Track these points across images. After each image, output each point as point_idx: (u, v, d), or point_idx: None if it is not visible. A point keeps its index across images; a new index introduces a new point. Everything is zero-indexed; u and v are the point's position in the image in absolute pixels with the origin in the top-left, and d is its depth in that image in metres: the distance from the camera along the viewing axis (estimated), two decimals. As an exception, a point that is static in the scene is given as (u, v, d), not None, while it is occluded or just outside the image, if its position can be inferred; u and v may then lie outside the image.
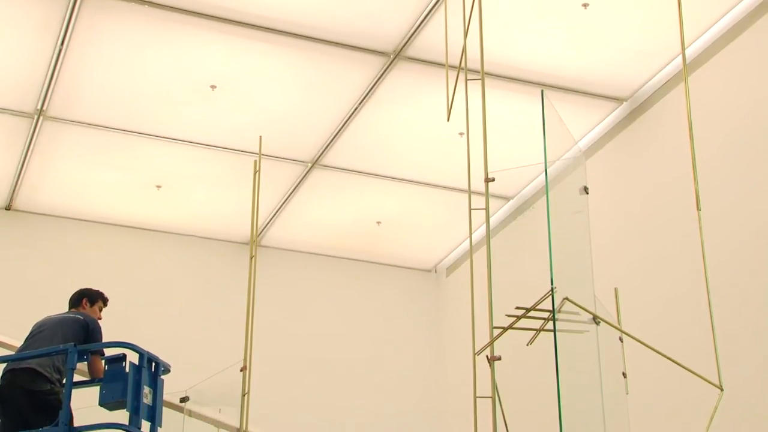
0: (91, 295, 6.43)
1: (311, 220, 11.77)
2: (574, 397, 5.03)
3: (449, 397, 11.87)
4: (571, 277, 5.38)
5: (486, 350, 5.55)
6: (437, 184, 10.98)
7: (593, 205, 5.72)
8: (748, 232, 7.78)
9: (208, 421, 7.23)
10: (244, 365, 6.47)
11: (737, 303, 7.55)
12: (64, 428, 5.41)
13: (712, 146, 8.02)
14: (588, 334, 5.30)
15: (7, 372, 5.82)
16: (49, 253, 11.31)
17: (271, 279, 11.41)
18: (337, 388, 11.91)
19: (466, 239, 11.83)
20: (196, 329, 11.42)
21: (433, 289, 13.04)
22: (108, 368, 5.69)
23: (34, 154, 10.21)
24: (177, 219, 11.67)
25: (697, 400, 6.01)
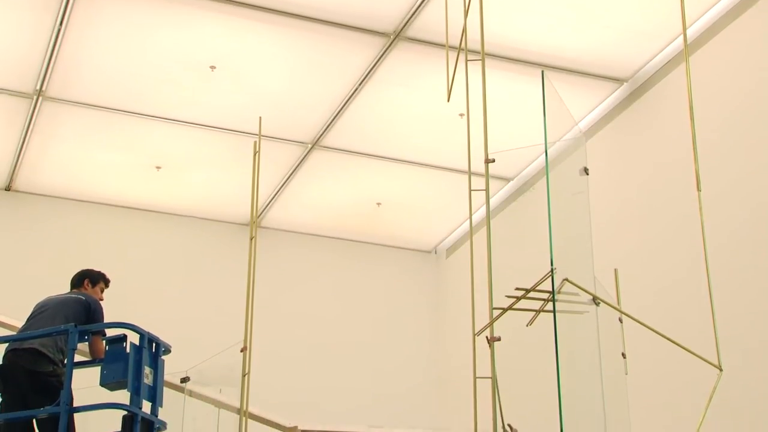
0: (93, 276, 6.43)
1: (311, 201, 11.77)
2: (573, 378, 5.05)
3: (449, 378, 11.91)
4: (571, 258, 5.38)
5: (486, 331, 5.56)
6: (437, 165, 10.97)
7: (593, 186, 5.71)
8: (748, 213, 7.78)
9: (209, 401, 7.25)
10: (244, 346, 6.49)
11: (737, 283, 7.56)
12: (65, 408, 5.42)
13: (712, 127, 8.01)
14: (588, 314, 5.30)
15: (9, 352, 5.83)
16: (49, 233, 11.32)
17: (271, 260, 11.42)
18: (336, 369, 11.94)
19: (466, 220, 11.83)
20: (196, 310, 11.45)
21: (433, 270, 13.06)
22: (109, 348, 5.70)
23: (34, 135, 10.19)
24: (177, 200, 11.67)
25: (697, 380, 6.03)
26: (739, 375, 6.69)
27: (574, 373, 5.08)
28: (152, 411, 5.75)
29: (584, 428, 5.10)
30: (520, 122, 9.64)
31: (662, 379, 8.20)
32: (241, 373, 6.44)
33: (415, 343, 12.56)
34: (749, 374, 7.27)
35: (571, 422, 4.76)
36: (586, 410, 5.14)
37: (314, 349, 11.94)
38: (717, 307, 5.94)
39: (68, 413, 5.46)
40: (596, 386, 5.15)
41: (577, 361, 5.21)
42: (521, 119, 9.61)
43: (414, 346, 12.54)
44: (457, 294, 11.65)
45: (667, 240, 8.62)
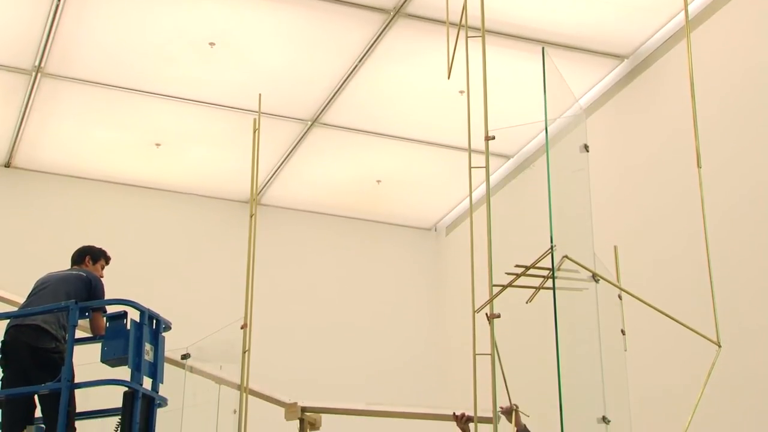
0: (94, 253, 6.44)
1: (311, 178, 11.76)
2: (572, 354, 5.06)
3: (449, 355, 11.95)
4: (571, 235, 5.38)
5: (485, 308, 5.58)
6: (437, 143, 10.95)
7: (593, 163, 5.71)
8: (748, 189, 7.78)
9: (209, 378, 7.28)
10: (244, 323, 6.50)
11: (736, 260, 7.57)
12: (66, 384, 5.44)
13: (713, 104, 7.99)
14: (587, 291, 5.31)
15: (11, 328, 5.85)
16: (49, 210, 11.32)
17: (271, 237, 11.44)
18: (336, 346, 11.98)
19: (465, 198, 11.83)
20: (196, 287, 11.47)
21: (433, 247, 13.07)
22: (109, 325, 5.72)
23: (33, 112, 10.17)
24: (176, 177, 11.66)
25: (696, 356, 6.06)
26: (737, 351, 6.71)
27: (573, 350, 5.10)
28: (153, 387, 5.78)
29: (583, 404, 5.12)
30: (520, 99, 9.61)
31: (661, 356, 8.23)
32: (242, 350, 6.46)
33: (415, 320, 12.59)
34: (748, 350, 7.29)
35: (570, 398, 4.78)
36: (586, 386, 5.16)
37: (314, 327, 11.98)
38: (716, 283, 5.95)
39: (69, 389, 5.47)
40: (595, 363, 5.17)
41: (576, 338, 5.22)
42: (521, 96, 9.58)
43: (413, 323, 12.57)
44: (456, 271, 11.66)
45: (666, 217, 8.63)
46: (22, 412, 5.71)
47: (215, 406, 7.06)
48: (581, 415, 5.03)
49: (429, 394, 11.63)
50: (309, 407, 7.43)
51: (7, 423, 5.71)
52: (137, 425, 5.47)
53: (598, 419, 4.99)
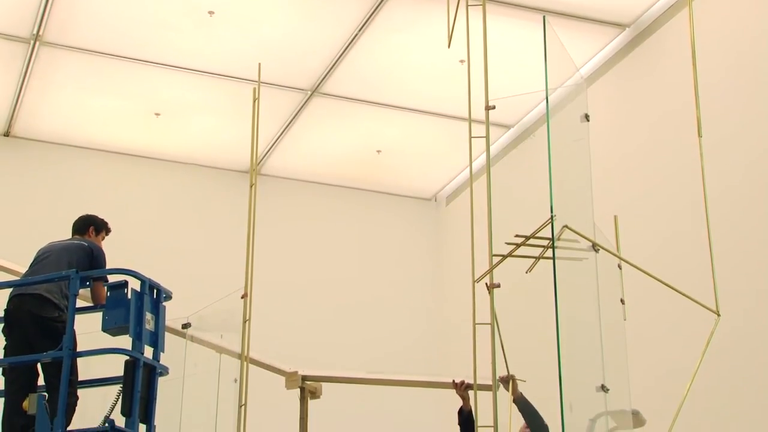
0: (98, 224, 6.44)
1: (311, 148, 11.75)
2: (572, 324, 5.08)
3: (448, 324, 11.99)
4: (571, 204, 5.38)
5: (485, 278, 5.59)
6: (437, 113, 10.93)
7: (594, 132, 5.70)
8: (749, 159, 7.77)
9: (210, 347, 7.30)
10: (244, 292, 6.51)
11: (736, 229, 7.58)
12: (67, 353, 5.46)
13: (714, 73, 7.95)
14: (587, 261, 5.32)
15: (14, 297, 5.86)
16: (48, 180, 11.31)
17: (271, 207, 11.44)
18: (336, 316, 12.02)
19: (466, 168, 11.82)
20: (197, 257, 11.49)
21: (433, 217, 13.08)
22: (110, 294, 5.72)
23: (32, 80, 10.13)
24: (176, 147, 11.64)
25: (695, 325, 6.08)
26: (736, 320, 6.73)
27: (573, 320, 5.12)
28: (154, 356, 5.80)
29: (582, 374, 5.15)
30: (520, 69, 9.58)
31: (660, 325, 8.26)
32: (242, 319, 6.47)
33: (415, 290, 12.63)
34: (747, 319, 7.32)
35: (569, 368, 4.80)
36: (585, 356, 5.18)
37: (314, 296, 12.01)
38: (716, 253, 5.96)
39: (71, 357, 5.50)
40: (595, 332, 5.19)
41: (576, 308, 5.24)
42: (522, 65, 9.55)
43: (413, 293, 12.61)
44: (456, 241, 11.68)
45: (667, 186, 8.62)
46: (25, 380, 5.74)
47: (216, 375, 7.09)
48: (580, 383, 5.05)
49: (429, 364, 11.69)
50: (309, 376, 7.46)
51: (9, 391, 5.74)
52: (138, 393, 5.49)
53: (597, 388, 5.02)
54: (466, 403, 6.64)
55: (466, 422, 6.45)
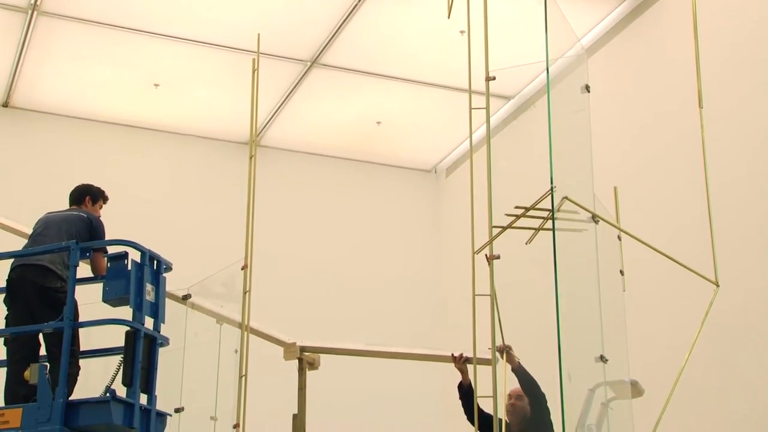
0: (94, 193, 6.43)
1: (310, 119, 11.71)
2: (571, 295, 5.09)
3: (448, 296, 12.02)
4: (571, 176, 5.38)
5: (485, 249, 5.60)
6: (437, 84, 10.89)
7: (594, 103, 5.68)
8: (749, 130, 7.75)
9: (211, 315, 7.33)
10: (245, 263, 6.52)
11: (736, 201, 7.58)
12: (68, 323, 5.48)
13: (716, 43, 7.91)
14: (587, 232, 5.33)
15: (17, 267, 5.87)
16: (47, 150, 11.29)
17: (270, 179, 11.42)
18: (336, 286, 12.05)
19: (466, 139, 11.79)
20: (197, 228, 11.49)
21: (433, 189, 13.08)
22: (110, 266, 5.73)
23: (30, 51, 10.09)
24: (175, 118, 11.62)
25: (694, 296, 6.09)
26: (735, 291, 6.74)
27: (572, 291, 5.13)
28: (155, 327, 5.82)
29: (581, 344, 5.17)
30: (521, 39, 9.52)
31: (660, 296, 8.28)
32: (242, 290, 6.49)
33: (414, 261, 12.65)
34: (746, 290, 7.34)
35: (568, 338, 4.82)
36: (584, 326, 5.20)
37: (314, 268, 12.03)
38: (715, 224, 5.97)
39: (72, 328, 5.52)
40: (594, 303, 5.20)
41: (575, 279, 5.25)
42: (522, 36, 9.49)
43: (413, 264, 12.63)
44: (456, 213, 11.68)
45: (667, 158, 8.61)
46: (27, 350, 5.77)
47: (216, 345, 7.12)
48: (579, 354, 5.08)
49: (428, 335, 11.73)
50: (308, 347, 7.48)
51: (11, 360, 5.77)
52: (139, 364, 5.51)
53: (596, 358, 5.04)
54: (465, 377, 6.66)
55: (466, 396, 6.47)
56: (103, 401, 5.34)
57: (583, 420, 5.37)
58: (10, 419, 5.29)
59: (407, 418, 11.69)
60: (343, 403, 11.13)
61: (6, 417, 5.32)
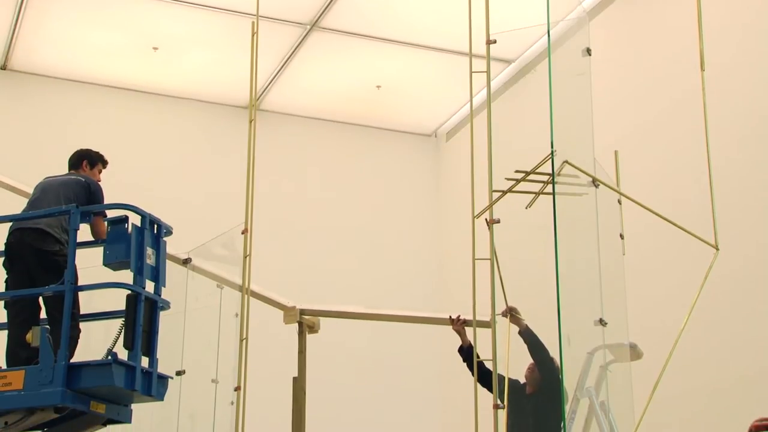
0: (91, 157, 6.41)
1: (310, 84, 11.67)
2: (571, 259, 5.11)
3: (448, 260, 12.05)
4: (572, 140, 5.37)
5: (485, 213, 5.60)
6: (438, 47, 10.83)
7: (595, 67, 5.65)
8: (751, 93, 7.72)
9: (212, 277, 7.35)
10: (245, 228, 6.52)
11: (736, 164, 7.58)
12: (69, 286, 5.50)
13: (718, 5, 7.85)
14: (587, 196, 5.33)
15: (15, 230, 5.88)
16: (46, 113, 11.25)
17: (270, 143, 11.40)
18: (336, 251, 12.08)
19: (466, 103, 11.76)
20: (197, 193, 11.49)
21: (433, 153, 13.06)
22: (111, 229, 5.73)
23: (28, 13, 10.02)
24: (174, 82, 11.57)
25: (693, 260, 6.10)
26: (734, 255, 6.76)
27: (572, 255, 5.14)
28: (155, 291, 5.83)
29: (581, 308, 5.19)
30: (522, 2, 9.45)
31: (659, 260, 8.30)
32: (242, 254, 6.50)
33: (415, 225, 12.66)
34: (745, 254, 7.35)
35: (568, 302, 4.84)
36: (584, 290, 5.21)
37: (314, 232, 12.05)
38: (716, 188, 5.97)
39: (72, 291, 5.53)
40: (594, 267, 5.22)
41: (575, 243, 5.26)
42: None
43: (413, 228, 12.64)
44: (456, 177, 11.68)
45: (668, 121, 8.59)
46: (28, 314, 5.79)
47: (217, 309, 7.14)
48: (579, 317, 5.10)
49: (428, 299, 11.78)
50: (307, 310, 7.51)
51: (13, 323, 5.79)
52: (140, 327, 5.54)
53: (595, 321, 5.07)
54: (463, 339, 6.70)
55: (469, 358, 6.50)
56: (104, 364, 5.36)
57: (582, 383, 5.41)
58: (13, 381, 5.33)
59: (407, 381, 11.77)
60: (342, 366, 11.20)
61: (9, 379, 5.35)
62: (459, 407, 9.64)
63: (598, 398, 5.34)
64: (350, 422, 11.23)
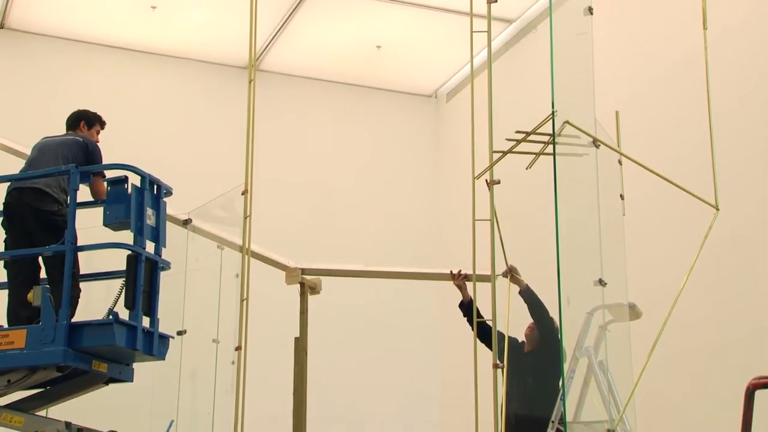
0: (89, 117, 6.39)
1: (310, 43, 11.59)
2: (571, 220, 5.11)
3: (448, 221, 12.06)
4: (573, 100, 5.35)
5: (485, 174, 5.60)
6: (438, 7, 10.75)
7: (597, 26, 5.61)
8: (754, 51, 7.68)
9: (212, 238, 7.36)
10: (245, 189, 6.51)
11: (737, 124, 7.55)
12: (69, 246, 5.51)
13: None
14: (587, 157, 5.32)
15: (13, 190, 5.87)
16: (43, 73, 11.18)
17: (270, 104, 11.36)
18: (336, 211, 12.09)
19: (467, 63, 11.69)
20: (196, 153, 11.46)
21: (433, 114, 13.02)
22: (110, 190, 5.73)
23: (24, -28, 9.95)
24: (173, 41, 11.49)
25: (693, 220, 6.10)
26: (734, 215, 6.76)
27: (572, 215, 5.14)
28: (156, 251, 5.85)
29: (581, 268, 5.20)
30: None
31: (659, 220, 8.31)
32: (243, 215, 6.50)
33: (415, 186, 12.66)
34: (745, 214, 7.36)
35: (568, 263, 4.85)
36: (583, 250, 5.22)
37: (314, 192, 12.05)
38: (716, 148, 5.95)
39: (73, 251, 5.54)
40: (594, 227, 5.22)
41: (575, 203, 5.26)
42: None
43: (413, 189, 12.64)
44: (457, 138, 11.65)
45: (670, 81, 8.55)
46: (28, 273, 5.81)
47: (218, 270, 7.16)
48: (578, 277, 5.11)
49: (428, 260, 11.80)
50: (309, 269, 7.53)
51: (13, 283, 5.81)
52: (141, 287, 5.56)
53: (594, 282, 5.08)
54: (464, 294, 6.74)
55: (469, 312, 6.55)
56: (106, 323, 5.40)
57: (581, 343, 5.43)
58: (15, 340, 5.37)
59: (407, 341, 11.84)
60: (342, 327, 11.26)
61: (11, 338, 5.39)
62: (459, 366, 9.71)
63: (597, 358, 5.37)
64: (350, 382, 11.32)
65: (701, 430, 7.59)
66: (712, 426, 7.36)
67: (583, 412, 5.39)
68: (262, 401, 8.38)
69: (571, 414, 5.34)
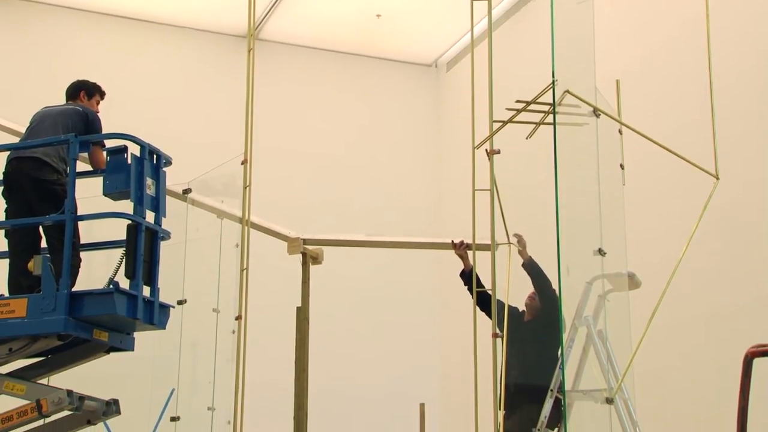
0: (89, 87, 6.36)
1: (309, 12, 11.53)
2: (571, 189, 5.11)
3: (448, 190, 12.07)
4: (573, 69, 5.33)
5: (485, 144, 5.59)
6: (438, -25, 10.69)
7: (598, -6, 5.59)
8: (756, 19, 7.64)
9: (211, 210, 7.36)
10: (244, 158, 6.50)
11: (738, 93, 7.53)
12: (69, 216, 5.50)
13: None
14: (588, 126, 5.31)
15: (12, 159, 5.86)
16: (42, 42, 11.14)
17: (269, 73, 11.33)
18: (336, 180, 12.09)
19: (467, 32, 11.60)
20: (195, 123, 11.44)
21: (433, 83, 12.98)
22: (110, 159, 5.72)
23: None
24: (173, 10, 11.43)
25: (693, 189, 6.10)
26: (734, 184, 6.75)
27: (572, 185, 5.14)
28: (156, 221, 5.84)
29: (580, 238, 5.21)
30: (524, -71, 9.32)
31: (659, 189, 8.31)
32: (242, 185, 6.49)
33: (415, 155, 12.65)
34: (745, 183, 7.36)
35: (567, 232, 4.86)
36: (583, 220, 5.23)
37: (314, 162, 12.04)
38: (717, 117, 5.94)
39: (73, 221, 5.54)
40: (594, 197, 5.22)
41: (575, 173, 5.25)
42: (526, -74, 9.28)
43: (413, 159, 12.63)
44: (457, 107, 11.62)
45: (671, 50, 8.52)
46: (28, 242, 5.81)
47: (217, 240, 7.16)
48: (578, 247, 5.12)
49: (428, 230, 11.82)
50: (310, 239, 7.54)
51: (14, 252, 5.82)
52: (141, 257, 5.56)
53: (594, 251, 5.09)
54: (466, 263, 6.76)
55: (470, 281, 6.56)
56: (106, 293, 5.40)
57: (580, 312, 5.45)
58: (16, 309, 5.37)
59: (408, 308, 11.89)
60: (343, 296, 11.30)
61: (12, 306, 5.39)
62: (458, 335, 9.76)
63: (596, 327, 5.39)
64: (351, 351, 11.38)
65: (699, 398, 7.64)
66: (710, 394, 7.41)
67: (581, 381, 5.42)
68: (263, 370, 8.42)
69: (570, 383, 5.37)
